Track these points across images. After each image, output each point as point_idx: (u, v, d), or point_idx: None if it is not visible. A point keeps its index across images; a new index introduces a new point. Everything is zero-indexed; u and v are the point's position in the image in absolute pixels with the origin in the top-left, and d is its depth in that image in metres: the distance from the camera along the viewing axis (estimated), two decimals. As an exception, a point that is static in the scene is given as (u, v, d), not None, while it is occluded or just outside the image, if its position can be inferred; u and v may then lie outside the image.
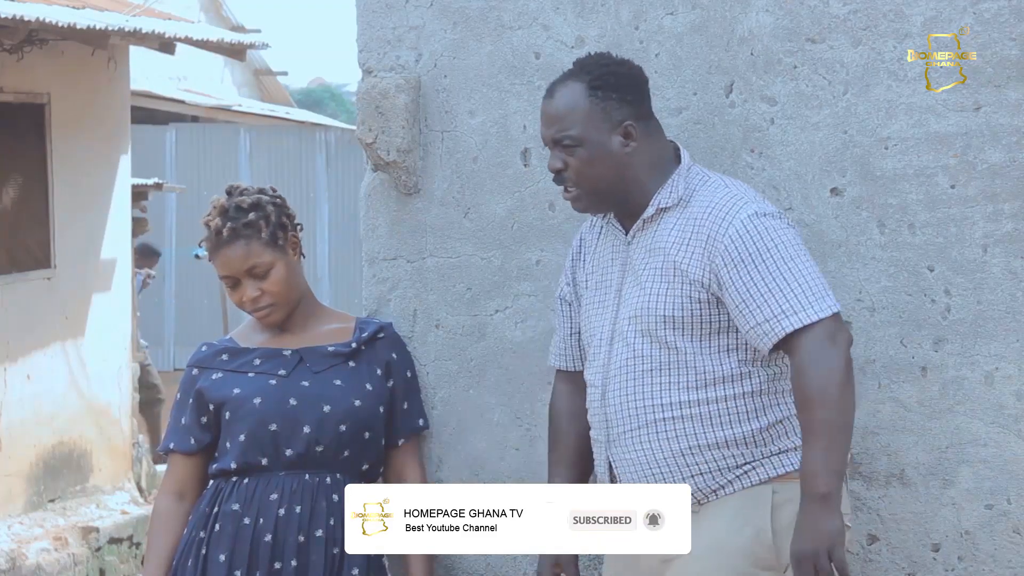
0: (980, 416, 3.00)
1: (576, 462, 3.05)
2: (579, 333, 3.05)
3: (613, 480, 2.91)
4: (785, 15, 3.07)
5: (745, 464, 2.80)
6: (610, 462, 2.91)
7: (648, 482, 2.84)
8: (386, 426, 3.30)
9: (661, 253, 2.85)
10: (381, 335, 3.33)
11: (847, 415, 2.72)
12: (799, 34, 3.07)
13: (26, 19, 8.24)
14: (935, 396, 3.02)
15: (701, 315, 2.81)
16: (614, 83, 2.87)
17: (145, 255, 12.10)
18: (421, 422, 3.35)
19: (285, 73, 19.31)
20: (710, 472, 2.80)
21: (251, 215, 3.27)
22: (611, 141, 2.86)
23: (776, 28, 3.08)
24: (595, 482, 3.02)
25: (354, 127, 3.47)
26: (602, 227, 3.01)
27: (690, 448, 2.81)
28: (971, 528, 3.01)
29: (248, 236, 3.27)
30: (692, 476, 2.81)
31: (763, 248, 2.77)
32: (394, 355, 3.32)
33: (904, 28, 3.01)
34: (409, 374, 3.34)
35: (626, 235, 2.93)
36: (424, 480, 3.34)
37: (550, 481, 3.07)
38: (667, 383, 2.83)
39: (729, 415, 2.81)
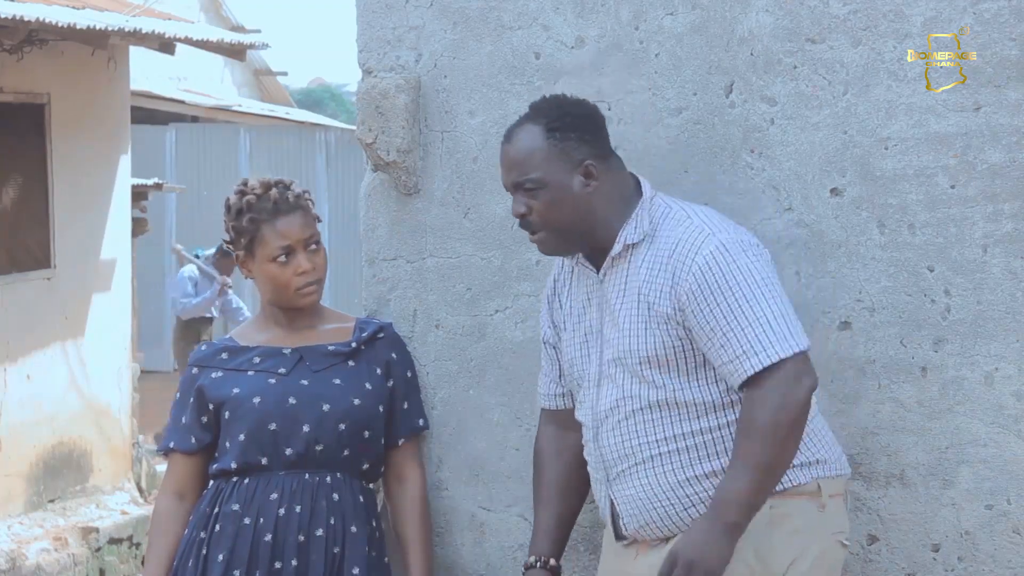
0: (980, 416, 3.00)
1: (560, 499, 3.06)
2: (562, 373, 3.05)
3: (615, 516, 2.91)
4: (785, 15, 3.07)
5: None
6: (611, 499, 2.91)
7: (650, 516, 2.84)
8: (386, 426, 3.30)
9: (635, 291, 2.84)
10: (381, 335, 3.33)
11: (785, 458, 2.72)
12: (799, 34, 3.07)
13: (26, 19, 8.24)
14: (935, 396, 3.02)
15: (683, 351, 2.80)
16: (571, 123, 2.86)
17: (227, 255, 11.68)
18: (421, 422, 3.35)
19: (285, 73, 19.34)
20: (709, 501, 2.78)
21: (298, 190, 3.30)
22: (573, 181, 2.85)
23: (776, 28, 3.08)
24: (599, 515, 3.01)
25: (354, 127, 3.47)
26: (573, 267, 3.01)
27: (687, 479, 2.81)
28: (971, 528, 3.01)
29: (304, 208, 3.29)
30: (693, 506, 2.81)
31: (726, 284, 2.74)
32: (394, 355, 3.32)
33: (904, 28, 3.00)
34: (409, 374, 3.34)
35: (597, 273, 2.93)
36: (424, 480, 3.34)
37: (536, 519, 3.08)
38: (658, 419, 2.83)
39: (724, 443, 2.80)
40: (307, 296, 3.27)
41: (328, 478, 3.23)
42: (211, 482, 3.29)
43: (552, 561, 3.03)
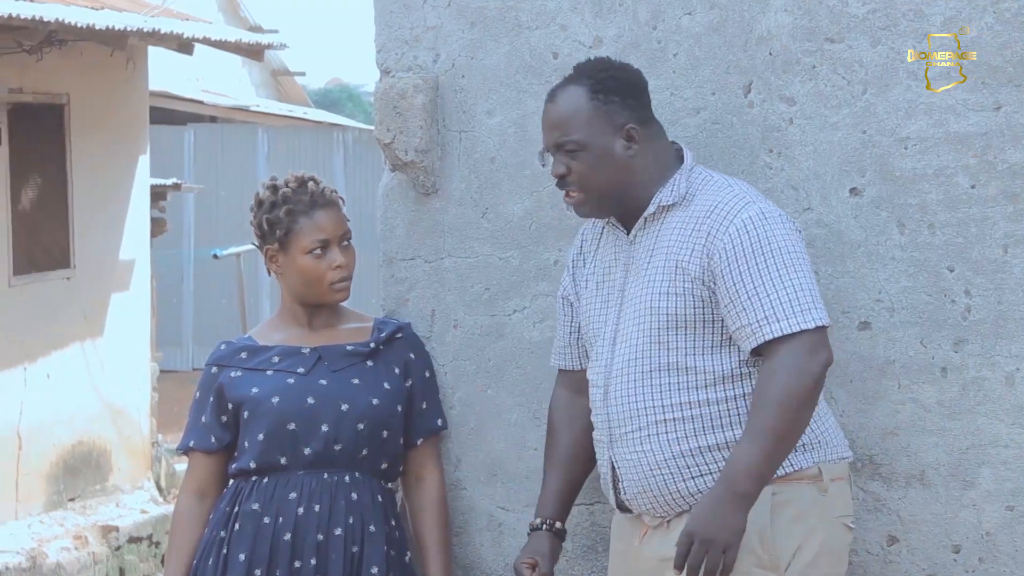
0: (1001, 417, 2.98)
1: (569, 466, 3.06)
2: (579, 332, 3.04)
3: (616, 480, 2.91)
4: (804, 15, 3.06)
5: None
6: (612, 462, 2.91)
7: (650, 483, 2.84)
8: (404, 426, 3.30)
9: (664, 251, 2.85)
10: (399, 335, 3.33)
11: (797, 428, 2.73)
12: (818, 34, 3.06)
13: (45, 20, 8.26)
14: (955, 397, 3.01)
15: (704, 314, 2.81)
16: (615, 87, 2.87)
17: None
18: (439, 422, 3.35)
19: (303, 73, 19.30)
20: (711, 473, 2.80)
21: (330, 188, 3.32)
22: (614, 144, 2.86)
23: (795, 28, 3.07)
24: (599, 482, 3.01)
25: (371, 127, 3.47)
26: (603, 228, 3.01)
27: (690, 450, 2.81)
28: (991, 529, 3.00)
29: (338, 204, 3.31)
30: (693, 477, 2.81)
31: (759, 250, 2.76)
32: (412, 355, 3.32)
33: (923, 27, 2.99)
34: (427, 374, 3.34)
35: (628, 234, 2.93)
36: (442, 480, 3.34)
37: (544, 483, 3.09)
38: (669, 384, 2.82)
39: (731, 416, 2.80)
40: (339, 292, 3.28)
41: (347, 477, 3.23)
42: (231, 481, 3.30)
43: (558, 524, 3.04)
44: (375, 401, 3.25)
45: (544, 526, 3.04)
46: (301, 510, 3.20)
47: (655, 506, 2.86)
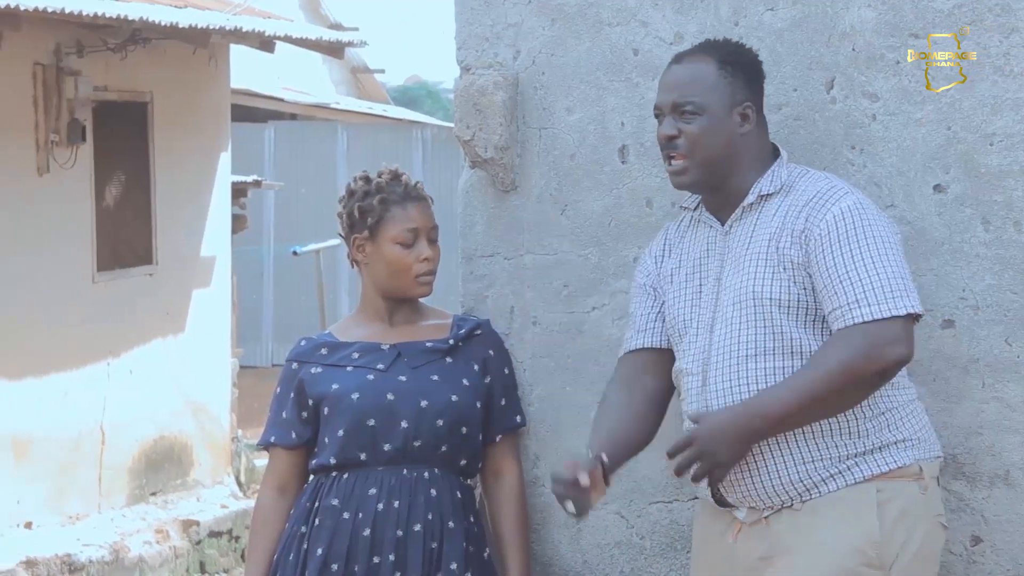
0: (1088, 417, 2.94)
1: (616, 421, 2.93)
2: (663, 317, 3.00)
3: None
4: (888, 10, 3.03)
5: (848, 458, 2.78)
6: None
7: (752, 470, 2.81)
8: (483, 422, 3.31)
9: (765, 238, 2.85)
10: (478, 332, 3.33)
11: (835, 404, 2.73)
12: (902, 29, 3.03)
13: (130, 19, 8.37)
14: (1041, 396, 2.96)
15: (805, 300, 2.80)
16: (743, 65, 2.90)
17: None
18: (518, 419, 3.36)
19: (382, 71, 19.34)
20: (813, 461, 2.78)
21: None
22: (730, 118, 2.87)
23: (879, 23, 3.04)
24: (676, 479, 2.97)
25: (450, 124, 3.49)
26: (689, 223, 3.01)
27: (794, 435, 2.79)
28: (1078, 531, 2.95)
29: (428, 201, 3.34)
30: (796, 464, 2.79)
31: (854, 236, 2.76)
32: (491, 352, 3.33)
33: (1010, 22, 2.95)
34: (506, 371, 3.35)
35: (723, 226, 2.92)
36: (521, 477, 3.35)
37: (598, 428, 2.94)
38: (772, 368, 2.80)
39: None
40: (424, 285, 3.29)
41: (426, 474, 3.24)
42: (311, 477, 3.33)
43: (604, 456, 2.81)
44: (454, 398, 3.26)
45: (589, 452, 2.85)
46: (380, 506, 3.22)
47: (755, 494, 2.83)
